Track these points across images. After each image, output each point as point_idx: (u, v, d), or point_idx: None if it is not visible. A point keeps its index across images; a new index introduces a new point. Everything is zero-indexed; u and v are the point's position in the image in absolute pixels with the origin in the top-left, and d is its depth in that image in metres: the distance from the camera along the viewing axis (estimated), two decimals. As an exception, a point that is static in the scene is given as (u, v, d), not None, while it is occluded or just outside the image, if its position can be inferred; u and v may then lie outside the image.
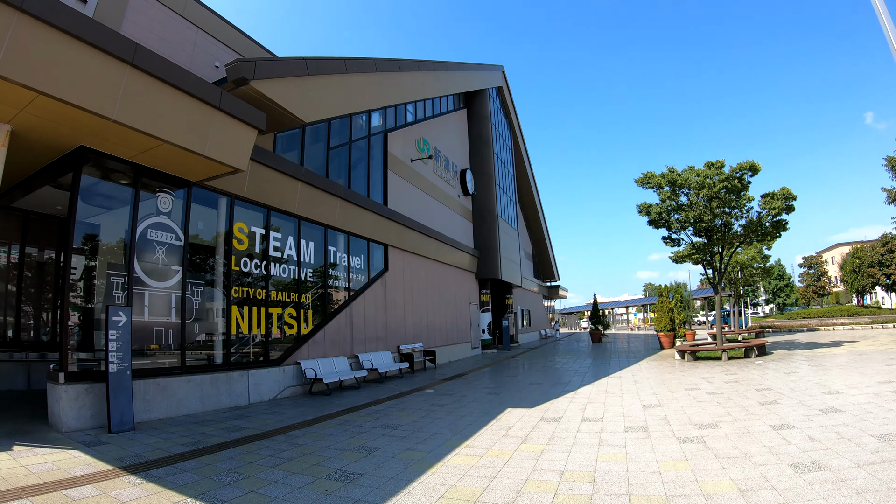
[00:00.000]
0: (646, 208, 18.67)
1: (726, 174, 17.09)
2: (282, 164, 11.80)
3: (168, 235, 9.35)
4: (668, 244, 19.67)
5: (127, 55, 6.74)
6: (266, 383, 11.07)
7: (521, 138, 34.13)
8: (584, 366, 17.13)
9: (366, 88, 14.01)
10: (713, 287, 19.28)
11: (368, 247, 15.35)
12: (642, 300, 70.88)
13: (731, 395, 9.85)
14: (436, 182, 20.39)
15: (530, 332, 37.70)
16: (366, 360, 14.06)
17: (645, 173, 18.39)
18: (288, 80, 10.58)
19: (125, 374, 7.49)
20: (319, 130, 14.01)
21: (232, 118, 8.56)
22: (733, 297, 32.92)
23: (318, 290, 13.34)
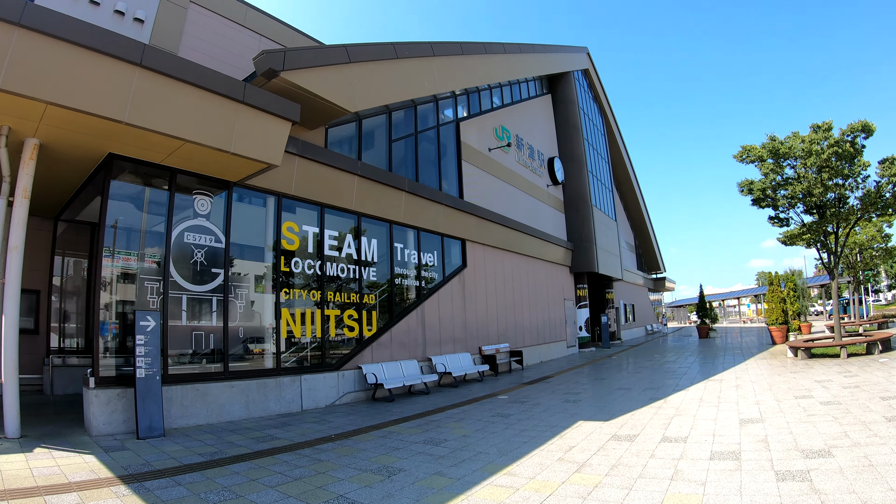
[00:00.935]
0: (747, 185, 15.60)
1: (835, 138, 13.70)
2: (334, 159, 11.10)
3: (207, 238, 8.93)
4: (775, 224, 16.36)
5: (133, 57, 6.42)
6: (322, 389, 10.38)
7: (614, 123, 31.12)
8: (683, 366, 14.63)
9: (424, 74, 13.08)
10: (829, 272, 15.64)
11: (442, 242, 14.40)
12: (755, 290, 62.73)
13: (849, 407, 7.44)
14: (519, 171, 18.90)
15: (635, 328, 34.31)
16: (440, 363, 13.10)
17: (743, 146, 15.38)
18: (326, 68, 9.88)
19: (154, 380, 7.18)
20: (379, 123, 13.33)
21: (260, 111, 7.97)
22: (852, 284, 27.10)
23: (382, 289, 12.63)
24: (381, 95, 11.75)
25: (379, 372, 11.50)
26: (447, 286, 14.18)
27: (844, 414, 7.02)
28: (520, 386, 12.61)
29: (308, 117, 10.36)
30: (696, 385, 10.89)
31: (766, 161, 14.75)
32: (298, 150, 10.29)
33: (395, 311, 12.66)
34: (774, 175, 14.95)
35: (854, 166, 13.79)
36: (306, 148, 10.50)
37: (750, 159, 15.30)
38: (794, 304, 22.34)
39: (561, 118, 23.07)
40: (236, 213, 9.51)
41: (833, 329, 23.74)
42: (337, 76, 10.17)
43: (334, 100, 9.98)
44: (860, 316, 28.43)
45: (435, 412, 9.58)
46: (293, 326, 10.30)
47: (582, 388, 11.60)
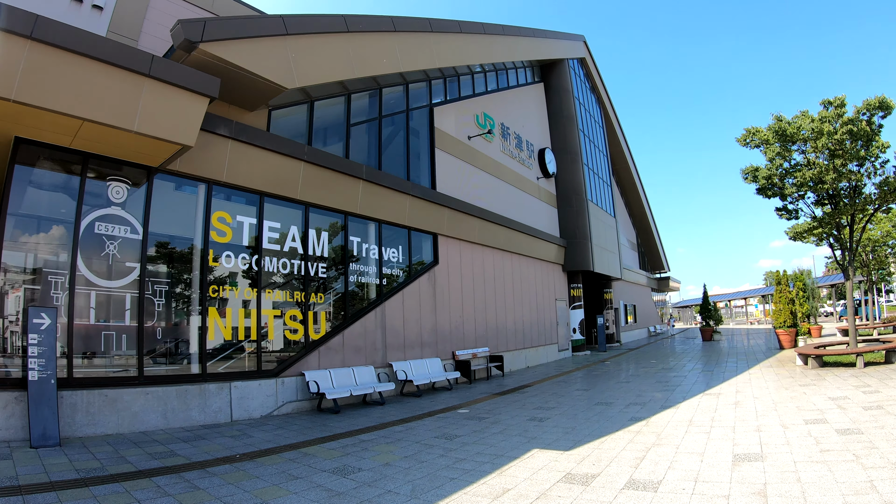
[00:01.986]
0: (752, 172, 13.67)
1: (849, 116, 11.75)
2: (275, 143, 9.68)
3: (122, 229, 7.82)
4: (783, 216, 14.37)
5: (24, 29, 5.69)
6: (256, 397, 8.96)
7: (614, 116, 29.05)
8: (679, 375, 12.74)
9: (383, 50, 11.49)
10: (843, 270, 13.63)
11: (409, 237, 12.76)
12: (762, 290, 59.66)
13: (874, 438, 5.61)
14: (505, 162, 17.16)
15: (636, 330, 32.18)
16: (401, 370, 11.46)
17: (747, 129, 13.46)
18: (257, 40, 8.63)
19: (48, 384, 6.30)
20: (336, 106, 11.76)
21: (170, 86, 6.91)
22: (864, 283, 24.70)
23: (334, 287, 11.07)
24: (328, 72, 10.29)
25: (324, 379, 9.93)
26: (414, 285, 12.53)
27: (868, 450, 5.21)
28: (490, 397, 10.91)
29: (243, 96, 9.10)
30: (688, 401, 9.07)
31: (771, 144, 12.82)
32: (232, 132, 8.95)
33: (349, 311, 11.08)
34: (781, 160, 12.99)
35: (871, 148, 11.79)
36: (241, 130, 9.12)
37: (754, 143, 13.39)
38: (803, 305, 20.25)
39: (554, 108, 21.24)
40: (158, 202, 8.35)
41: (846, 333, 21.54)
42: (271, 49, 8.91)
43: (267, 75, 8.73)
44: (872, 318, 26.07)
45: (374, 429, 8.00)
46: (222, 327, 8.94)
47: (557, 402, 9.85)
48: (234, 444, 6.89)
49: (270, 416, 9.13)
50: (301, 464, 5.92)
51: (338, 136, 11.70)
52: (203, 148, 8.53)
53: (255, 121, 9.83)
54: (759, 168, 13.66)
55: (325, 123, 11.69)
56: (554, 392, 11.11)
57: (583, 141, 22.54)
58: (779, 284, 19.03)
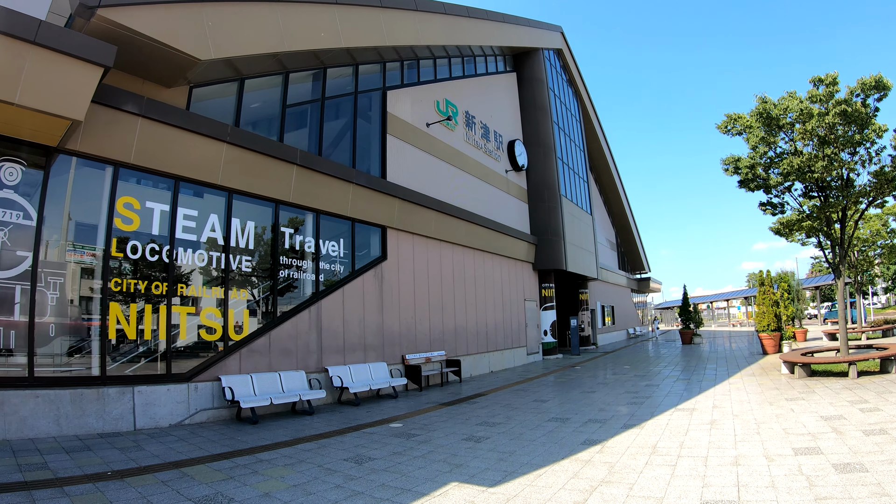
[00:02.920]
0: (733, 163, 12.33)
1: (842, 97, 10.49)
2: (192, 122, 8.34)
3: (13, 214, 6.78)
4: (767, 212, 13.08)
5: None
6: (164, 404, 7.70)
7: (592, 111, 27.67)
8: (652, 383, 11.32)
9: (319, 23, 10.06)
10: (833, 269, 12.35)
11: (353, 229, 11.23)
12: (745, 292, 58.89)
13: (882, 479, 4.24)
14: (469, 153, 15.70)
15: (614, 332, 30.85)
16: (339, 376, 9.93)
17: (728, 115, 12.12)
18: (166, 7, 7.59)
19: None
20: (271, 85, 10.30)
21: (59, 55, 6.03)
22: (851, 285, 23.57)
23: (260, 283, 9.56)
24: (252, 44, 9.00)
25: (244, 385, 8.51)
26: (357, 281, 11.01)
27: (877, 498, 3.80)
28: (436, 407, 9.42)
29: (157, 71, 8.00)
30: (656, 418, 7.64)
31: (755, 130, 11.46)
32: (141, 109, 7.70)
33: (278, 309, 9.57)
34: (765, 148, 11.65)
35: (867, 132, 10.46)
36: (153, 107, 7.83)
37: (736, 130, 12.05)
38: (788, 307, 19.01)
39: (527, 98, 19.83)
40: (57, 186, 7.21)
41: (833, 337, 20.29)
42: (182, 16, 7.86)
43: (178, 45, 7.67)
44: (860, 321, 24.99)
45: (283, 445, 6.69)
46: (126, 325, 7.60)
47: (507, 416, 8.39)
48: (119, 457, 5.84)
49: (181, 425, 7.80)
50: (171, 488, 4.79)
51: (272, 118, 10.25)
52: (108, 126, 7.40)
53: (172, 98, 8.50)
54: (740, 158, 12.33)
55: (258, 104, 10.28)
56: (507, 403, 9.64)
57: (557, 134, 21.17)
58: (762, 285, 17.73)
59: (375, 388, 10.31)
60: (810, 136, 10.96)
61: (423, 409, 9.25)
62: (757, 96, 11.28)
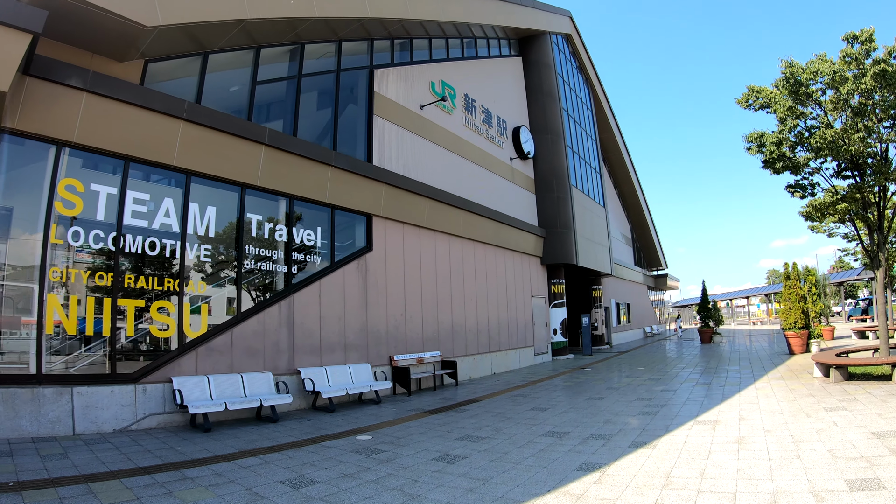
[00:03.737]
0: (756, 139, 10.73)
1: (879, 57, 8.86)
2: (143, 97, 7.35)
3: None
4: (795, 194, 11.43)
5: None
6: (108, 407, 6.79)
7: (605, 101, 25.90)
8: (668, 388, 9.81)
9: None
10: (870, 257, 10.64)
11: (332, 217, 10.05)
12: (765, 289, 55.87)
13: None
14: (468, 138, 14.39)
15: (630, 331, 29.07)
16: (312, 378, 8.75)
17: (750, 87, 10.55)
18: None
19: None
20: (239, 61, 9.24)
21: None
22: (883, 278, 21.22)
23: (222, 275, 8.48)
24: (208, 9, 7.99)
25: (199, 388, 7.46)
26: (336, 274, 9.83)
27: None
28: (418, 415, 8.16)
29: (105, 42, 7.15)
30: (672, 433, 6.23)
31: (781, 100, 9.89)
32: (86, 84, 6.83)
33: (242, 304, 8.47)
34: (794, 122, 10.07)
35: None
36: (99, 82, 6.92)
37: (759, 104, 10.50)
38: (816, 303, 17.16)
39: (533, 83, 18.42)
40: None
41: (862, 335, 18.37)
42: None
43: (120, 10, 6.62)
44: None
45: (221, 460, 5.64)
46: (65, 319, 6.69)
47: (495, 428, 7.07)
48: (36, 466, 5.02)
49: (126, 430, 6.86)
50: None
51: (240, 96, 9.16)
52: (49, 102, 6.55)
53: (125, 73, 7.55)
54: (765, 134, 10.75)
55: (225, 82, 9.24)
56: (501, 411, 8.31)
57: (567, 121, 19.68)
58: (788, 280, 15.98)
59: (354, 392, 9.10)
60: (844, 106, 9.35)
61: (404, 418, 8.00)
62: (783, 60, 9.71)
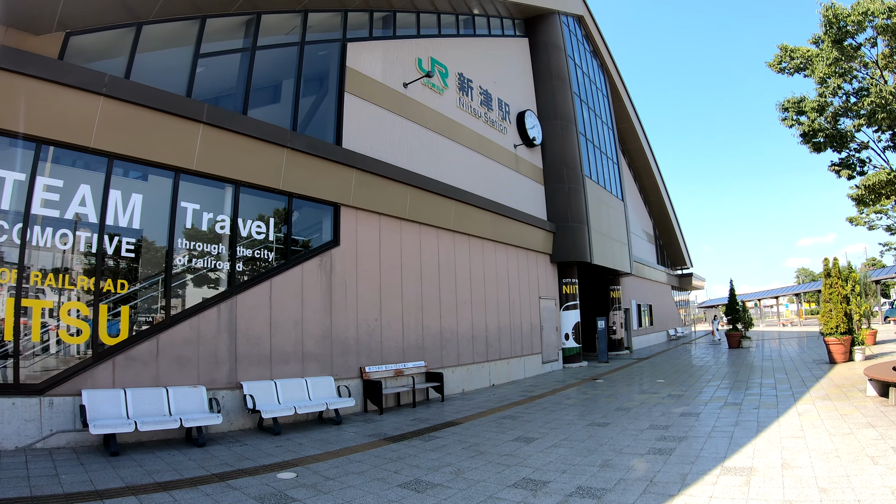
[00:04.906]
0: (794, 106, 8.74)
1: None
2: (56, 72, 6.17)
3: None
4: (841, 174, 9.29)
5: None
6: (9, 422, 5.64)
7: (622, 88, 23.45)
8: (690, 410, 7.71)
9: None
10: None
11: (289, 206, 8.53)
12: (794, 288, 51.68)
13: None
14: (463, 121, 12.63)
15: (652, 334, 26.61)
16: (254, 394, 7.23)
17: (782, 46, 8.51)
18: None
19: None
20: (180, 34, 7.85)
21: None
22: None
23: (148, 271, 7.07)
24: None
25: (111, 403, 6.28)
26: (293, 273, 8.29)
27: None
28: (373, 444, 6.52)
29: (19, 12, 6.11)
30: (690, 490, 4.36)
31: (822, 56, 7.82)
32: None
33: (172, 306, 7.06)
34: (837, 80, 7.97)
35: None
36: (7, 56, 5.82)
37: (794, 65, 8.52)
38: (861, 304, 14.62)
39: (541, 66, 16.53)
40: None
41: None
42: None
43: None
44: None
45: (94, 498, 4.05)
46: None
47: (454, 471, 5.35)
48: None
49: (31, 448, 5.70)
50: None
51: (180, 73, 7.77)
52: None
53: (41, 47, 6.38)
54: (804, 99, 8.70)
55: (163, 57, 7.95)
56: (476, 442, 6.56)
57: (579, 107, 17.69)
58: (828, 277, 13.53)
59: (307, 411, 7.53)
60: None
61: (356, 447, 6.37)
62: (823, 4, 7.64)
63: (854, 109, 8.05)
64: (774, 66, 8.86)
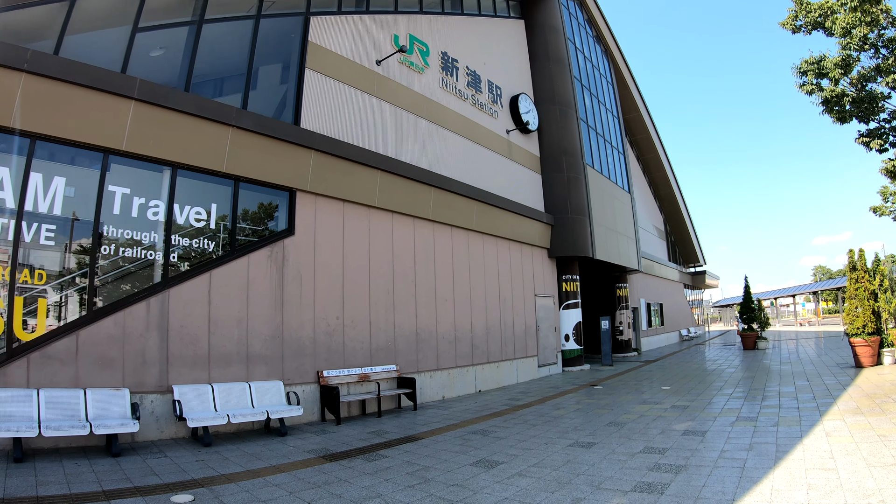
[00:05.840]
0: (813, 68, 7.31)
1: None
2: None
3: None
4: (872, 146, 7.80)
5: None
6: None
7: (629, 76, 21.79)
8: (695, 428, 6.33)
9: None
10: None
11: (236, 191, 7.51)
12: (812, 286, 48.89)
13: None
14: (445, 102, 11.40)
15: (663, 334, 24.96)
16: (179, 400, 6.22)
17: None
18: None
19: None
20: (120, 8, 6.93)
21: None
22: None
23: (71, 262, 6.15)
24: None
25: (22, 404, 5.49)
26: (237, 264, 7.26)
27: None
28: (310, 461, 5.44)
29: None
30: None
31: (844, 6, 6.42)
32: None
33: (96, 300, 6.14)
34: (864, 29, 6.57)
35: None
36: None
37: (810, 19, 7.10)
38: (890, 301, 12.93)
39: (538, 49, 15.24)
40: None
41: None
42: None
43: None
44: None
45: None
46: None
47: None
48: None
49: None
50: None
51: (117, 44, 6.83)
52: None
53: None
54: (824, 57, 7.30)
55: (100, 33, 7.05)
56: (427, 465, 5.41)
57: (580, 92, 16.34)
58: (854, 271, 11.90)
59: (241, 420, 6.48)
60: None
61: (283, 466, 5.29)
62: None
63: (884, 68, 6.66)
64: (788, 25, 7.51)
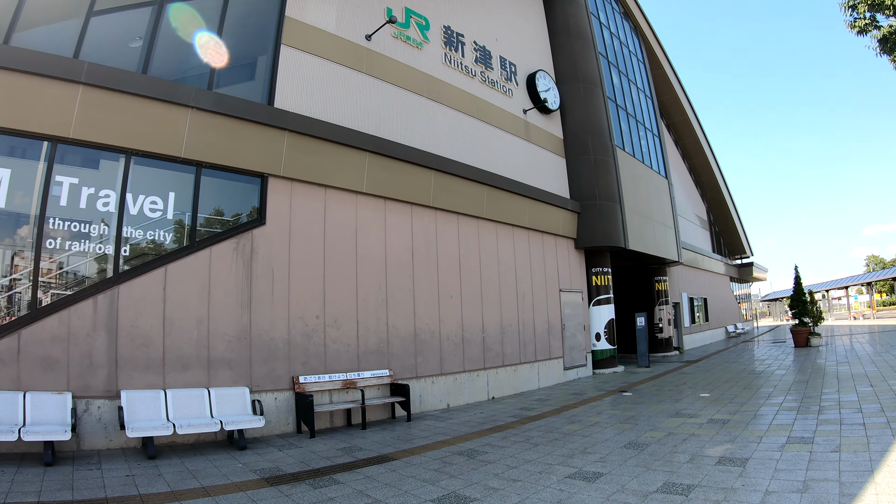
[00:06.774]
0: None
1: None
2: None
3: None
4: None
5: None
6: None
7: (663, 56, 19.47)
8: (735, 454, 4.78)
9: None
10: None
11: (198, 178, 6.76)
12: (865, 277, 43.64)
13: None
14: (449, 79, 10.16)
15: (707, 331, 22.44)
16: (125, 406, 5.50)
17: None
18: None
19: None
20: None
21: None
22: None
23: (11, 256, 5.60)
24: None
25: None
26: (197, 257, 6.49)
27: None
28: (252, 483, 4.53)
29: None
30: None
31: None
32: None
33: (39, 297, 5.53)
34: None
35: None
36: None
37: None
38: None
39: (558, 24, 13.75)
40: None
41: None
42: None
43: None
44: None
45: None
46: None
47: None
48: None
49: None
50: None
51: (69, 26, 6.30)
52: None
53: None
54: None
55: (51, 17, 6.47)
56: (377, 499, 4.33)
57: (607, 69, 14.66)
58: None
59: (190, 431, 5.68)
60: None
61: (213, 488, 4.41)
62: None
63: None
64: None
